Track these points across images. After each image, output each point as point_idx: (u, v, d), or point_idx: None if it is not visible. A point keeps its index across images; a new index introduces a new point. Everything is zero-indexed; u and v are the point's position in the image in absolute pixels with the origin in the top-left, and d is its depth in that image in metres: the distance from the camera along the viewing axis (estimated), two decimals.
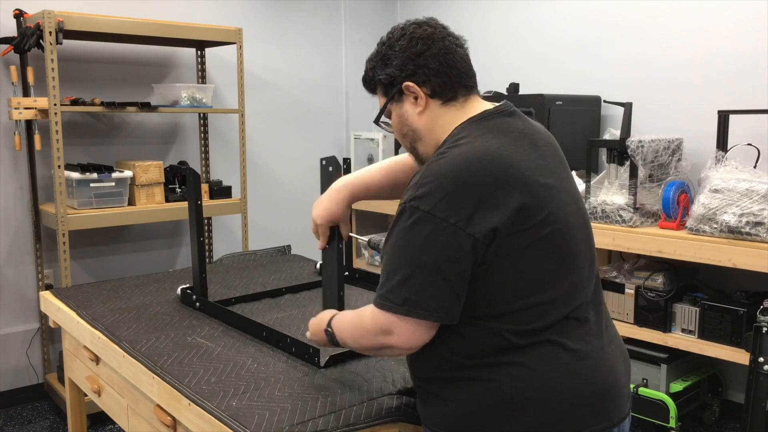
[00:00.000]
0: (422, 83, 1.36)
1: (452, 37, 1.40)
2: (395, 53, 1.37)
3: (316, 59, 4.29)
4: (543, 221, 1.25)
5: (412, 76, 1.36)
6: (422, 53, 1.36)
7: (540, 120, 3.23)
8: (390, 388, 1.50)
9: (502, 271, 1.24)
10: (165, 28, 3.23)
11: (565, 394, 1.25)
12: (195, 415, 1.46)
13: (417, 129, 1.40)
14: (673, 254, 2.74)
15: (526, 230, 1.24)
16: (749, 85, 3.00)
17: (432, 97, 1.37)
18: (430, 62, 1.35)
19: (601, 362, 1.31)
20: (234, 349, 1.76)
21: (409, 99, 1.39)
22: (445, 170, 1.24)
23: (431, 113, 1.38)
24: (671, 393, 2.92)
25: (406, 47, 1.37)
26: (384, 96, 1.43)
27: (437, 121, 1.38)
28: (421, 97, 1.37)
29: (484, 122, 1.36)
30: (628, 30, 3.41)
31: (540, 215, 1.25)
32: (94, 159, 3.49)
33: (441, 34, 1.38)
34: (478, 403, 1.26)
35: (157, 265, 3.77)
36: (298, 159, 4.28)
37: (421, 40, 1.36)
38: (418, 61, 1.36)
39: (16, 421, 3.22)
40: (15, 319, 3.37)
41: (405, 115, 1.40)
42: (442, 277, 1.22)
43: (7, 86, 3.22)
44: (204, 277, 2.12)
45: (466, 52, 1.41)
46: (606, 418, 1.29)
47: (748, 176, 2.64)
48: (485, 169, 1.24)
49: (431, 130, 1.39)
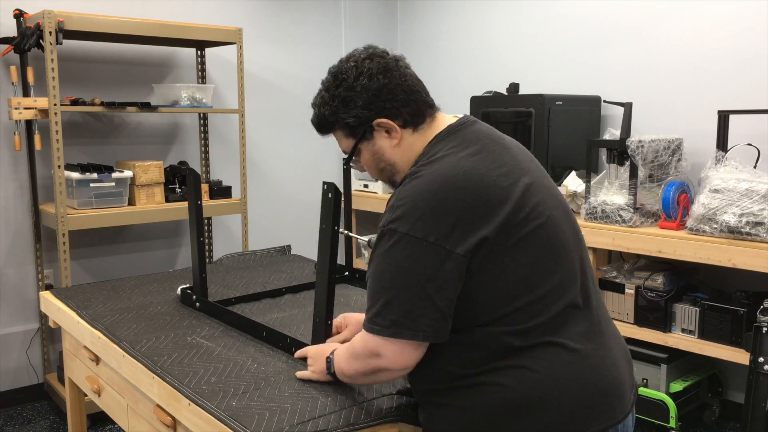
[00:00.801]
0: (394, 117, 1.36)
1: (399, 60, 1.39)
2: (357, 93, 1.35)
3: (316, 59, 4.29)
4: (525, 219, 1.26)
5: (381, 112, 1.35)
6: (385, 87, 1.34)
7: (540, 120, 3.24)
8: (390, 388, 1.50)
9: (489, 275, 1.25)
10: (165, 28, 3.23)
11: (570, 395, 1.26)
12: (195, 415, 1.46)
13: (394, 162, 1.40)
14: (673, 254, 2.74)
15: (508, 232, 1.24)
16: (749, 85, 3.00)
17: (404, 127, 1.37)
18: (397, 94, 1.35)
19: (603, 360, 1.31)
20: (234, 349, 1.76)
21: (381, 135, 1.38)
22: (421, 190, 1.25)
23: (405, 143, 1.38)
24: (671, 393, 2.92)
25: (368, 85, 1.34)
26: (350, 137, 1.40)
27: (412, 148, 1.38)
28: (396, 130, 1.36)
29: (452, 136, 1.36)
30: (628, 30, 3.41)
31: (521, 215, 1.26)
32: (94, 159, 3.49)
33: (392, 62, 1.37)
34: (484, 407, 1.26)
35: (157, 265, 3.77)
36: (298, 159, 4.28)
37: (380, 74, 1.34)
38: (384, 96, 1.34)
39: (16, 421, 3.22)
40: (15, 319, 3.37)
41: (381, 152, 1.39)
42: (426, 296, 1.22)
43: (7, 86, 3.22)
44: (204, 277, 2.12)
45: (412, 70, 1.41)
46: (610, 416, 1.30)
47: (748, 176, 2.64)
48: (461, 187, 1.24)
49: (408, 160, 1.39)
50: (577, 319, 1.31)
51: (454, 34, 4.27)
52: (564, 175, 3.28)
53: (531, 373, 1.25)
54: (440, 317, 1.24)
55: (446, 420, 1.31)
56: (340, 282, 2.42)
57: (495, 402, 1.25)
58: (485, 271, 1.24)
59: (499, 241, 1.23)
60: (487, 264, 1.24)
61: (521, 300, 1.26)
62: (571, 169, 3.31)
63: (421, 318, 1.23)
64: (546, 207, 1.31)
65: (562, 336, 1.28)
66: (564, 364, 1.26)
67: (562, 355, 1.27)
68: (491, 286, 1.25)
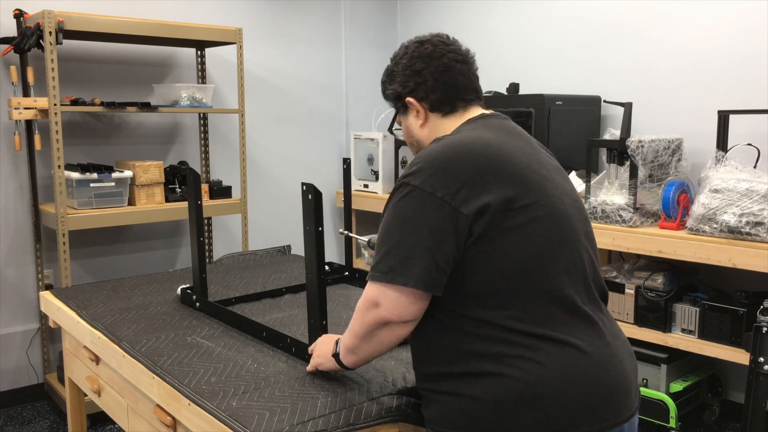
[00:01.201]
0: (421, 99, 1.48)
1: (454, 53, 1.48)
2: (399, 71, 1.50)
3: (316, 59, 4.29)
4: (534, 204, 1.30)
5: (412, 92, 1.48)
6: (421, 71, 1.46)
7: (540, 120, 3.24)
8: (390, 388, 1.50)
9: (492, 248, 1.27)
10: (165, 28, 3.23)
11: (575, 390, 1.26)
12: (195, 415, 1.46)
13: (420, 139, 1.52)
14: (673, 254, 2.74)
15: (516, 210, 1.28)
16: (749, 85, 3.00)
17: (431, 111, 1.49)
18: (428, 79, 1.46)
19: (608, 359, 1.32)
20: (234, 349, 1.76)
21: (412, 112, 1.50)
22: (438, 151, 1.33)
23: (432, 125, 1.50)
24: (671, 393, 2.92)
25: (407, 65, 1.48)
26: (393, 107, 1.56)
27: (437, 131, 1.49)
28: (421, 111, 1.49)
29: (480, 121, 1.45)
30: (628, 30, 3.41)
31: (530, 198, 1.30)
32: (94, 159, 3.49)
33: (441, 51, 1.47)
34: (488, 397, 1.26)
35: (157, 265, 3.77)
36: (298, 159, 4.28)
37: (420, 58, 1.47)
38: (417, 79, 1.47)
39: (16, 421, 3.22)
40: (15, 319, 3.37)
41: (409, 127, 1.53)
42: (424, 246, 1.26)
43: (7, 86, 3.22)
44: (204, 277, 2.12)
45: (469, 68, 1.50)
46: (614, 415, 1.30)
47: (748, 176, 2.64)
48: (476, 152, 1.31)
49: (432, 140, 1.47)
50: (582, 317, 1.32)
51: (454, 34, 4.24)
52: None
53: (536, 365, 1.25)
54: (435, 268, 1.26)
55: (450, 409, 1.31)
56: (340, 282, 2.42)
57: (499, 392, 1.26)
58: (490, 245, 1.27)
59: (504, 214, 1.27)
60: (490, 234, 1.26)
61: (525, 284, 1.28)
62: (571, 169, 3.31)
63: (416, 266, 1.26)
64: (561, 202, 1.35)
65: (567, 333, 1.28)
66: (569, 359, 1.27)
67: (568, 350, 1.27)
68: (494, 261, 1.27)
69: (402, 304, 1.28)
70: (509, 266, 1.27)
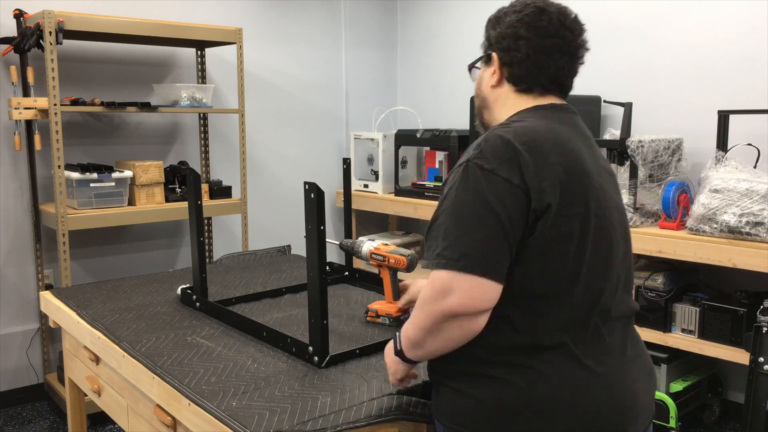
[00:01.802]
0: (504, 64, 1.39)
1: (561, 41, 1.36)
2: (504, 22, 1.39)
3: (316, 59, 4.29)
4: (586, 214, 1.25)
5: (501, 51, 1.39)
6: (520, 38, 1.36)
7: None
8: (390, 388, 1.50)
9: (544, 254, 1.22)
10: (165, 28, 3.23)
11: (580, 407, 1.24)
12: (195, 415, 1.46)
13: (485, 98, 1.45)
14: (673, 254, 2.74)
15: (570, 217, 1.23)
16: (749, 85, 3.00)
17: (507, 80, 1.40)
18: (522, 50, 1.36)
19: (617, 380, 1.29)
20: (234, 349, 1.76)
21: (491, 68, 1.42)
22: (511, 136, 1.25)
23: (502, 92, 1.41)
24: (671, 393, 2.92)
25: (510, 23, 1.37)
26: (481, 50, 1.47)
27: (505, 101, 1.41)
28: (497, 73, 1.40)
29: (550, 112, 1.37)
30: (628, 30, 3.41)
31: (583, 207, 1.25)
32: (94, 159, 3.49)
33: (551, 32, 1.35)
34: (494, 402, 1.25)
35: (157, 265, 3.77)
36: (298, 159, 4.28)
37: (528, 26, 1.36)
38: (512, 43, 1.37)
39: (16, 421, 3.22)
40: (15, 319, 3.37)
41: (481, 81, 1.46)
42: (504, 237, 1.19)
43: (7, 86, 3.22)
44: (204, 277, 2.12)
45: (570, 60, 1.39)
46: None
47: (748, 176, 2.64)
48: (548, 141, 1.26)
49: (499, 107, 1.42)
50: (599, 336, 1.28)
51: (454, 34, 4.27)
52: None
53: (544, 378, 1.23)
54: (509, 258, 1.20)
55: (457, 407, 1.30)
56: (340, 282, 2.42)
57: (503, 399, 1.25)
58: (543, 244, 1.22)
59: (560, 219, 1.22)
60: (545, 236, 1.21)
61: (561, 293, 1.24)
62: None
63: (495, 256, 1.18)
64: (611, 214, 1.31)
65: (578, 348, 1.25)
66: (576, 377, 1.24)
67: (575, 368, 1.25)
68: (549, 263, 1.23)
69: (479, 293, 1.18)
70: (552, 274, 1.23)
